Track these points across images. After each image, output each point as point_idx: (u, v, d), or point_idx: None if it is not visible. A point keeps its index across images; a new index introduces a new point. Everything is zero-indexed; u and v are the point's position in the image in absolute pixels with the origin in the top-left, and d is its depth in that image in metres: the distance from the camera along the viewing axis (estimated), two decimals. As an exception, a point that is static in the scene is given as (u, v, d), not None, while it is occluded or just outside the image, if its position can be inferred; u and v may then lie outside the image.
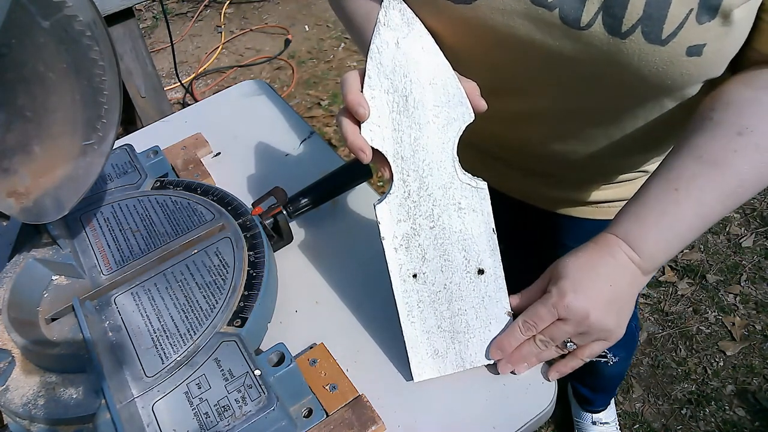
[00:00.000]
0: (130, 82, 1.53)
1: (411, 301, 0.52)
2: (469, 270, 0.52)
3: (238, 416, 0.45)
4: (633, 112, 0.55)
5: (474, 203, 0.51)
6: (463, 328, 0.52)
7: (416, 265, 0.51)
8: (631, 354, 1.20)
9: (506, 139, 0.68)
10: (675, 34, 0.45)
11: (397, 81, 0.49)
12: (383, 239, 0.51)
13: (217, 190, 0.65)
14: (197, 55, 2.52)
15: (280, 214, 0.63)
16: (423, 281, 0.52)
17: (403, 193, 0.50)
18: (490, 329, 0.52)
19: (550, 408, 0.52)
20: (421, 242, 0.51)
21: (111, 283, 0.56)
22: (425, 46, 0.49)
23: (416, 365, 0.52)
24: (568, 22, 0.48)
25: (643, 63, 0.48)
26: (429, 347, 0.52)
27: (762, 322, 1.48)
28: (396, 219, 0.51)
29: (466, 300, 0.52)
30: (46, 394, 0.49)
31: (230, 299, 0.53)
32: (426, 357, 0.53)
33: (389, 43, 0.49)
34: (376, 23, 0.49)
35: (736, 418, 1.32)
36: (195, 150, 0.77)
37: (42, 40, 0.46)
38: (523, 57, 0.53)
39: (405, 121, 0.49)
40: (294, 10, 2.72)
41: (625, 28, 0.46)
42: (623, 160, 0.66)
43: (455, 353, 0.53)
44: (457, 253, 0.52)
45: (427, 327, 0.52)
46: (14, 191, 0.52)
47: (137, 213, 0.63)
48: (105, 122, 0.51)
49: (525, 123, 0.62)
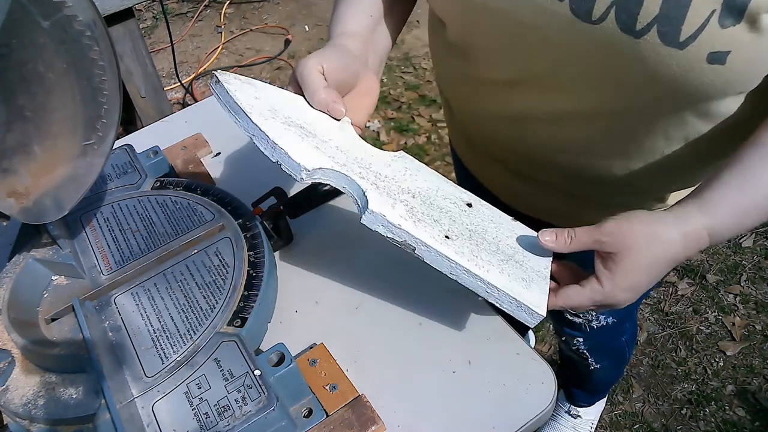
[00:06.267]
0: (130, 82, 1.53)
1: (467, 254, 0.49)
2: (461, 208, 0.55)
3: (238, 416, 0.45)
4: (653, 129, 0.52)
5: (406, 162, 0.57)
6: (510, 250, 0.53)
7: (437, 227, 0.51)
8: (619, 366, 1.19)
9: (518, 144, 0.65)
10: (694, 38, 0.42)
11: (283, 118, 0.51)
12: (403, 228, 0.48)
13: (217, 190, 0.65)
14: (197, 55, 2.52)
15: (280, 214, 0.63)
16: (455, 234, 0.51)
17: (371, 185, 0.50)
18: (521, 241, 0.54)
19: (550, 408, 0.52)
20: (419, 208, 0.51)
21: (111, 283, 0.56)
22: (275, 91, 0.54)
23: (530, 301, 0.48)
24: (578, 14, 0.46)
25: (659, 66, 0.44)
26: (517, 280, 0.50)
27: (762, 322, 1.48)
28: (389, 207, 0.49)
29: (486, 228, 0.54)
30: (46, 394, 0.49)
31: (230, 299, 0.53)
32: (524, 289, 0.49)
33: (251, 97, 0.50)
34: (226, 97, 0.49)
35: (736, 418, 1.32)
36: (195, 150, 0.77)
37: (42, 40, 0.46)
38: (535, 49, 0.51)
39: (312, 140, 0.51)
40: (294, 10, 2.72)
41: (640, 26, 0.43)
42: (639, 181, 0.61)
43: (531, 271, 0.51)
44: (442, 201, 0.54)
45: (496, 266, 0.50)
46: (14, 191, 0.52)
47: (137, 213, 0.63)
48: (105, 122, 0.50)
49: (538, 123, 0.60)
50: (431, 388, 0.53)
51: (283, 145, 0.47)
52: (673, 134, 0.52)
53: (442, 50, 0.66)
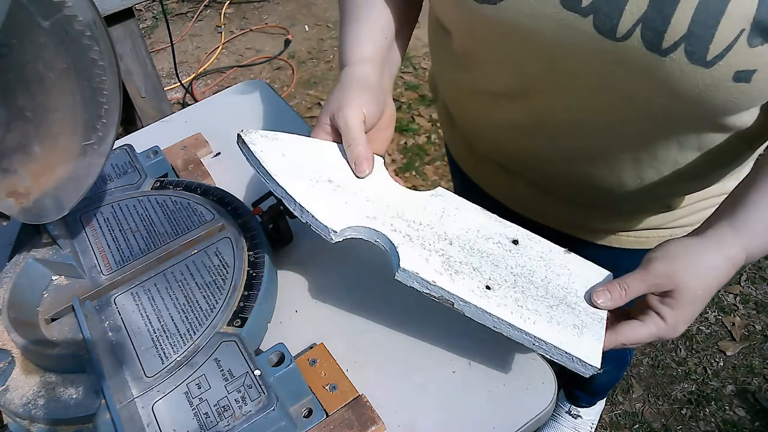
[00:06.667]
0: (130, 82, 1.53)
1: (510, 305, 0.47)
2: (506, 248, 0.51)
3: (238, 416, 0.45)
4: (666, 138, 0.52)
5: (444, 202, 0.53)
6: (561, 291, 0.50)
7: (477, 276, 0.48)
8: (620, 369, 1.21)
9: (527, 153, 0.64)
10: (722, 56, 0.41)
11: (311, 173, 0.51)
12: (438, 285, 0.47)
13: (217, 190, 0.65)
14: (197, 55, 2.52)
15: (280, 214, 0.63)
16: (497, 283, 0.49)
17: (404, 238, 0.49)
18: (573, 278, 0.51)
19: (550, 408, 0.52)
20: (456, 257, 0.49)
21: (111, 283, 0.56)
22: (296, 141, 0.52)
23: (582, 352, 0.46)
24: (602, 31, 0.44)
25: (683, 85, 0.44)
26: (567, 328, 0.47)
27: (762, 322, 1.48)
28: (423, 261, 0.48)
29: (534, 269, 0.50)
30: (46, 394, 0.49)
31: (230, 299, 0.53)
32: (575, 338, 0.47)
33: (278, 154, 0.50)
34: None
35: (736, 418, 1.32)
36: (195, 150, 0.77)
37: (42, 40, 0.46)
38: (548, 63, 0.50)
39: (341, 194, 0.50)
40: (294, 10, 2.72)
41: (667, 45, 0.42)
42: (650, 188, 0.60)
43: (584, 314, 0.49)
44: (484, 243, 0.51)
45: (544, 314, 0.48)
46: (14, 191, 0.52)
47: (137, 213, 0.63)
48: (105, 122, 0.50)
49: (549, 134, 0.59)
50: (431, 388, 0.53)
51: (310, 209, 0.48)
52: (687, 144, 0.52)
53: (447, 60, 0.65)
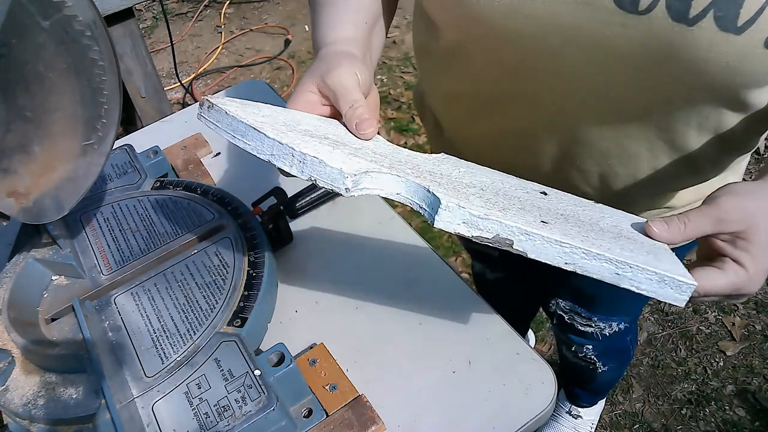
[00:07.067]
0: (130, 82, 1.53)
1: (577, 237, 0.40)
2: (537, 196, 0.47)
3: (238, 416, 0.45)
4: (686, 123, 0.49)
5: (454, 163, 0.49)
6: (614, 228, 0.44)
7: (527, 214, 0.42)
8: (623, 365, 1.19)
9: (524, 158, 0.60)
10: (754, 21, 0.39)
11: (303, 130, 0.43)
12: (492, 218, 0.39)
13: (217, 190, 0.65)
14: (197, 55, 2.52)
15: (280, 214, 0.63)
16: (551, 219, 0.42)
17: (432, 183, 0.42)
18: (617, 220, 0.46)
19: (550, 408, 0.52)
20: (495, 200, 0.43)
21: (111, 283, 0.56)
22: (270, 108, 0.46)
23: (673, 272, 0.39)
24: (623, 5, 0.42)
25: (712, 56, 0.41)
26: (642, 254, 0.41)
27: (762, 322, 1.48)
28: (465, 199, 0.41)
29: (576, 212, 0.45)
30: (46, 394, 0.49)
31: (230, 299, 0.53)
32: (656, 262, 0.40)
33: (257, 116, 0.43)
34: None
35: (736, 418, 1.32)
36: (195, 150, 0.77)
37: (42, 40, 0.46)
38: (564, 47, 0.47)
39: (344, 148, 0.43)
40: (294, 10, 2.72)
41: (694, 13, 0.40)
42: (662, 179, 0.56)
43: (649, 245, 0.43)
44: (514, 191, 0.46)
45: (613, 244, 0.41)
46: (14, 191, 0.52)
47: (137, 213, 0.63)
48: (105, 122, 0.51)
49: (552, 136, 0.56)
50: (431, 388, 0.53)
51: (314, 154, 0.39)
52: (706, 126, 0.50)
53: (436, 64, 0.62)
